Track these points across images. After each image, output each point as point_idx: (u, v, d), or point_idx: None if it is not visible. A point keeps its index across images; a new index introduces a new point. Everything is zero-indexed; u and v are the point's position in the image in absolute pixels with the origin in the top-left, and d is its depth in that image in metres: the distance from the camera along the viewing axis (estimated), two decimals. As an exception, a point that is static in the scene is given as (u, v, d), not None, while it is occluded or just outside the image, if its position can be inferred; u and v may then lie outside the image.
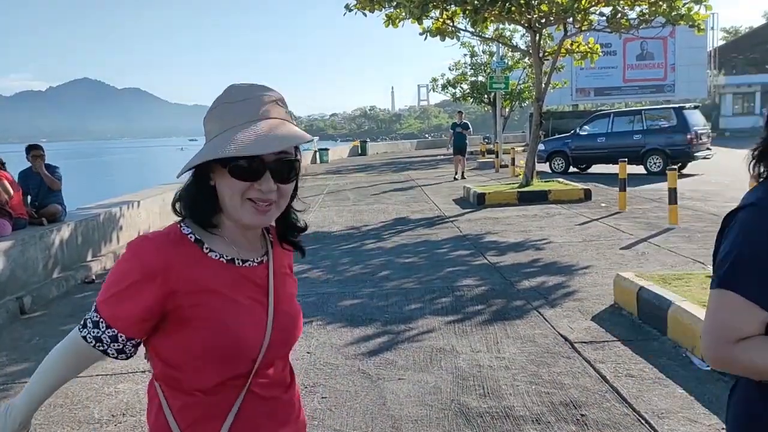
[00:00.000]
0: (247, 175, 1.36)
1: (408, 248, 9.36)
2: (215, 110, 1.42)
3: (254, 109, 1.39)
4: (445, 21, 13.99)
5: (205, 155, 1.35)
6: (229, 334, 1.38)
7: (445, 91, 35.05)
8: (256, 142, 1.33)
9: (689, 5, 13.16)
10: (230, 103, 1.40)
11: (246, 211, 1.39)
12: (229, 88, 1.45)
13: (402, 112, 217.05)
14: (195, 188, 1.44)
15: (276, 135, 1.35)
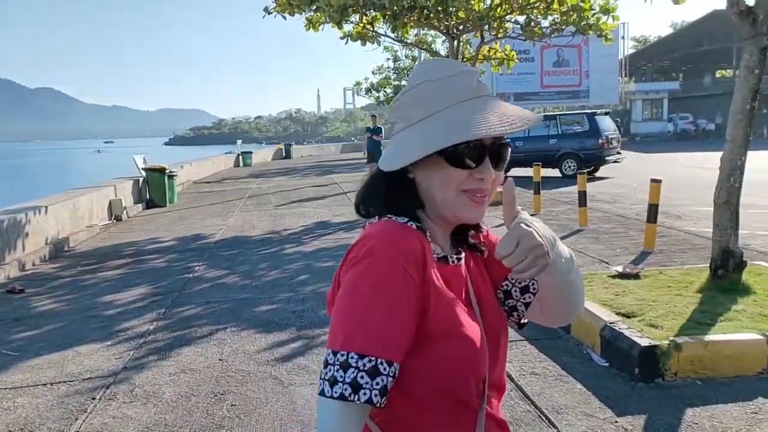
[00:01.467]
0: (468, 162, 1.18)
1: (327, 252, 9.36)
2: (417, 89, 1.22)
3: (469, 84, 1.21)
4: (365, 26, 14.07)
5: (436, 141, 1.14)
6: (462, 344, 1.16)
7: (369, 95, 35.18)
8: (501, 121, 1.15)
9: (598, 15, 13.68)
10: (437, 80, 1.21)
11: (462, 205, 1.20)
12: (427, 64, 1.28)
13: (328, 115, 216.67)
14: (393, 183, 1.23)
15: (519, 114, 1.19)
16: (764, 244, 8.73)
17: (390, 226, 1.18)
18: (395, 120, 1.26)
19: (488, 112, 1.17)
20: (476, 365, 1.18)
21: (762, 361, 4.25)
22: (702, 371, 4.20)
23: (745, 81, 5.15)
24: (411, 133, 1.20)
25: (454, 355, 1.15)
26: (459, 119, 1.15)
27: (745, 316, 4.71)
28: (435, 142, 1.14)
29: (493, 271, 1.37)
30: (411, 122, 1.21)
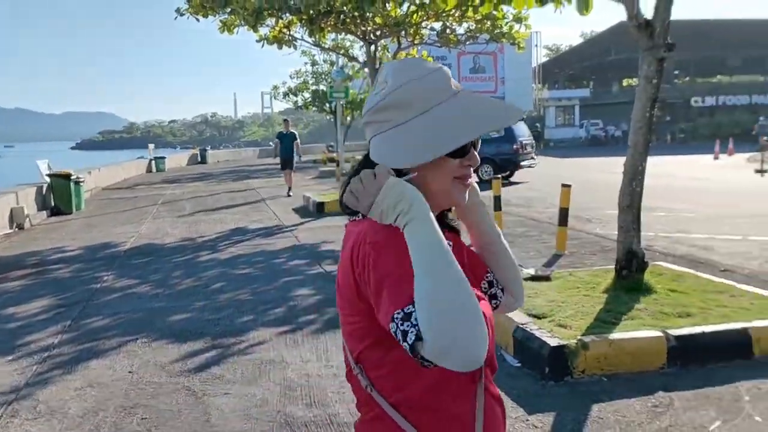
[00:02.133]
0: (463, 152, 1.30)
1: (244, 259, 9.22)
2: (403, 89, 1.28)
3: (447, 80, 1.31)
4: (281, 30, 13.95)
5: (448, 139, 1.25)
6: None
7: (286, 99, 34.94)
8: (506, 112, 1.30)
9: (511, 24, 14.07)
10: (418, 79, 1.28)
11: (456, 190, 1.33)
12: (401, 65, 1.34)
13: (245, 119, 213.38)
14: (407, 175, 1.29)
15: (510, 105, 1.33)
16: (666, 245, 9.17)
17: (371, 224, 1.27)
18: (382, 120, 1.30)
19: (480, 107, 1.28)
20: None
21: (662, 356, 4.46)
22: (607, 368, 4.37)
23: (645, 90, 5.41)
24: (410, 132, 1.26)
25: None
26: (461, 117, 1.25)
27: (646, 314, 4.94)
28: (447, 141, 1.24)
29: (475, 264, 1.52)
30: (399, 121, 1.27)
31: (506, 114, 1.30)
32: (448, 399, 1.28)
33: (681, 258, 8.06)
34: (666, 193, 15.96)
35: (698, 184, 18.42)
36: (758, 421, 3.71)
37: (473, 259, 1.54)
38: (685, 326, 4.66)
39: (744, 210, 12.69)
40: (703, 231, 10.40)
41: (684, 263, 7.52)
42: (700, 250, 8.81)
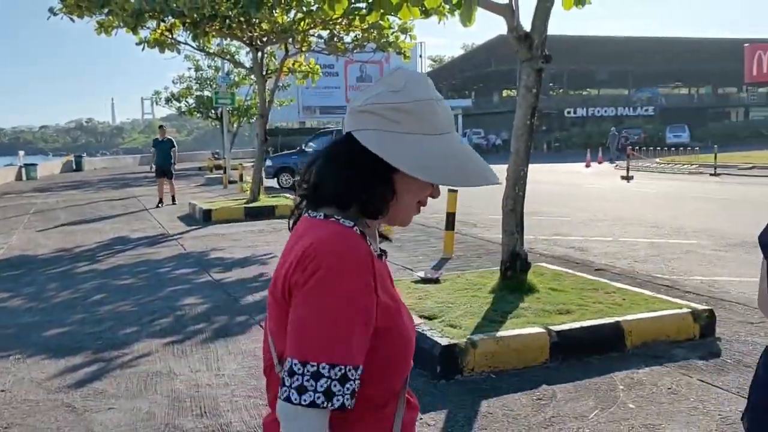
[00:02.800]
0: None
1: (126, 269, 8.84)
2: (421, 103, 1.27)
3: (450, 112, 1.34)
4: (163, 32, 13.53)
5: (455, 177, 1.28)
6: (407, 337, 1.31)
7: (169, 105, 33.86)
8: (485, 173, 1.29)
9: (396, 34, 14.36)
10: (436, 101, 1.29)
11: (413, 211, 1.35)
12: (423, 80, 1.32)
13: (124, 126, 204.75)
14: (381, 184, 1.27)
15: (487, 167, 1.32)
16: (546, 247, 9.64)
17: (339, 234, 1.24)
18: (395, 119, 1.26)
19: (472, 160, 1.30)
20: (411, 354, 1.33)
21: (545, 351, 4.69)
22: (495, 365, 4.54)
23: (525, 99, 5.68)
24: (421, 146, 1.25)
25: (395, 347, 1.26)
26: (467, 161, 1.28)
27: (530, 312, 5.17)
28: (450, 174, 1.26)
29: None
30: (412, 131, 1.25)
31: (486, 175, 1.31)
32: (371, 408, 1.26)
33: (559, 259, 8.50)
34: (544, 199, 16.78)
35: (572, 190, 19.50)
36: (631, 407, 3.98)
37: None
38: (566, 322, 4.92)
39: (613, 214, 13.57)
40: (578, 233, 11.02)
41: (562, 264, 7.93)
42: (577, 251, 9.33)
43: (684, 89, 72.87)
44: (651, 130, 52.25)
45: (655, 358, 4.77)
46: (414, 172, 1.23)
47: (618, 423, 3.77)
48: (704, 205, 14.85)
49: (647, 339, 4.97)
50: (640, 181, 22.35)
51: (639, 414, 3.88)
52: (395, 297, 1.32)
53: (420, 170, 1.24)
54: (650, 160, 32.56)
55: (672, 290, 6.67)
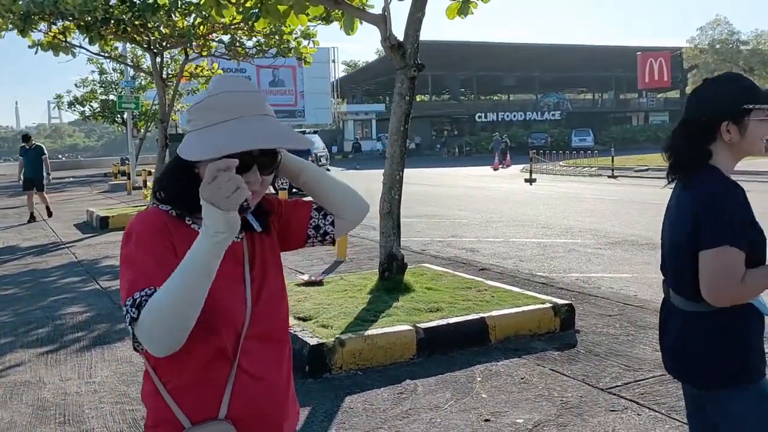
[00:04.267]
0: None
1: (8, 279, 8.56)
2: (218, 97, 1.43)
3: (257, 102, 1.44)
4: (56, 36, 13.12)
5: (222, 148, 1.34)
6: (211, 304, 1.38)
7: (72, 109, 32.64)
8: (258, 136, 1.38)
9: (299, 39, 14.43)
10: (232, 92, 1.43)
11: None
12: (227, 78, 1.48)
13: (30, 130, 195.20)
14: (180, 176, 1.47)
15: (288, 133, 1.45)
16: (438, 249, 9.96)
17: (146, 211, 1.51)
18: (195, 118, 1.44)
19: (261, 129, 1.40)
20: (226, 318, 1.46)
21: (412, 348, 4.90)
22: (362, 363, 4.72)
23: (399, 106, 5.91)
24: (207, 134, 1.40)
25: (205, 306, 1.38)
26: (237, 133, 1.37)
27: (402, 311, 5.39)
28: (220, 148, 1.34)
29: (295, 223, 1.71)
30: (208, 123, 1.41)
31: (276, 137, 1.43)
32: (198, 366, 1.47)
33: (448, 260, 8.81)
34: (446, 201, 17.24)
35: (476, 193, 20.08)
36: (484, 397, 4.23)
37: (292, 214, 1.72)
38: (434, 320, 5.16)
39: (510, 215, 14.10)
40: (472, 235, 11.42)
41: (449, 264, 8.23)
42: (467, 252, 9.68)
43: (589, 95, 75.98)
44: (557, 134, 54.25)
45: (515, 351, 5.08)
46: (189, 157, 1.41)
47: (468, 412, 4.02)
48: (596, 206, 15.61)
49: (509, 333, 5.27)
50: (542, 184, 23.23)
51: (489, 402, 4.14)
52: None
53: (193, 154, 1.40)
54: (555, 164, 33.85)
55: (546, 287, 7.06)
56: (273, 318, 1.58)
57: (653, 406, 3.97)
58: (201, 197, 1.31)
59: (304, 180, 1.71)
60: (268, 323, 1.56)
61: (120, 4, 11.87)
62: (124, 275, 1.42)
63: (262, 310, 1.54)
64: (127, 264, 1.43)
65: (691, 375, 2.09)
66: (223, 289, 1.46)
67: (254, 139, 1.39)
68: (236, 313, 1.49)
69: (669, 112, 63.30)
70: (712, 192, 1.93)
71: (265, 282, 1.58)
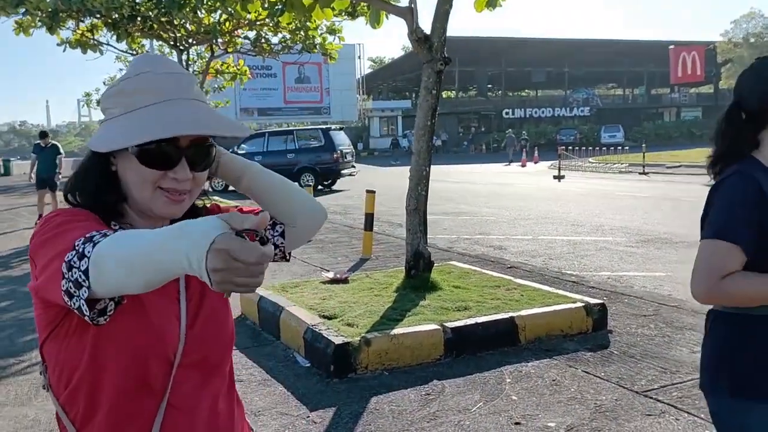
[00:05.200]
0: (160, 163, 1.17)
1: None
2: (135, 79, 1.19)
3: (182, 85, 1.20)
4: (84, 33, 13.22)
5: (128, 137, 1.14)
6: (144, 324, 1.18)
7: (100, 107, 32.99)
8: (178, 122, 1.14)
9: (324, 35, 14.38)
10: (152, 75, 1.19)
11: (157, 201, 1.20)
12: (148, 57, 1.25)
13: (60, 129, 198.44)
14: (94, 175, 1.22)
15: (221, 120, 1.20)
16: (466, 246, 9.80)
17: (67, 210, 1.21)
18: (110, 106, 1.22)
19: (186, 114, 1.17)
20: (157, 344, 1.20)
21: (439, 348, 4.78)
22: (389, 362, 4.61)
23: (425, 101, 5.78)
24: (126, 121, 1.18)
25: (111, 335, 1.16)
26: (154, 118, 1.15)
27: (429, 309, 5.26)
28: (126, 138, 1.14)
29: None
30: (127, 109, 1.19)
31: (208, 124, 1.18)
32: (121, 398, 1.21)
33: (476, 257, 8.66)
34: (473, 199, 17.05)
35: (503, 190, 19.85)
36: (514, 399, 4.10)
37: None
38: (462, 319, 5.03)
39: (538, 212, 13.88)
40: (500, 233, 11.24)
41: (477, 262, 8.09)
42: (495, 250, 9.52)
43: (619, 90, 74.95)
44: (587, 130, 53.57)
45: (546, 352, 4.93)
46: (96, 148, 1.18)
47: (498, 414, 3.89)
48: (627, 203, 15.32)
49: (540, 333, 5.12)
50: (571, 181, 22.91)
51: (519, 405, 4.01)
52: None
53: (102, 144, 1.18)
54: (584, 160, 33.40)
55: (577, 286, 6.88)
56: (212, 342, 1.31)
57: (692, 411, 3.80)
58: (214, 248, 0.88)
59: (247, 185, 1.42)
60: (206, 348, 1.29)
61: (146, 1, 11.92)
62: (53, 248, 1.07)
63: (199, 333, 1.28)
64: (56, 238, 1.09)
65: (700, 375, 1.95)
66: (154, 307, 1.21)
67: (181, 125, 1.15)
68: (169, 337, 1.22)
69: (702, 107, 62.18)
70: (726, 182, 1.78)
71: (204, 300, 1.31)
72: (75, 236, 1.05)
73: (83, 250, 1.00)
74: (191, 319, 1.27)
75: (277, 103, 48.71)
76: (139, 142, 1.14)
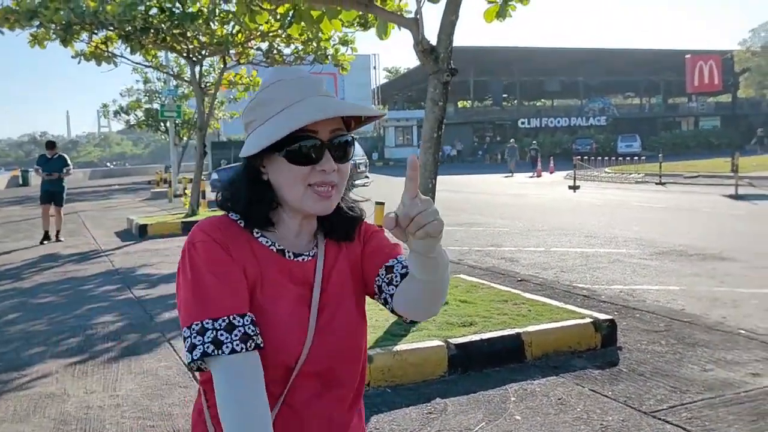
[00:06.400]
0: (307, 158, 1.26)
1: (49, 287, 8.63)
2: (271, 88, 1.30)
3: (316, 85, 1.31)
4: (98, 45, 13.32)
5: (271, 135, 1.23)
6: (268, 328, 1.25)
7: (118, 118, 33.36)
8: (317, 110, 1.23)
9: (337, 46, 14.37)
10: (288, 80, 1.30)
11: (309, 199, 1.28)
12: (281, 68, 1.37)
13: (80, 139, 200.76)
14: (247, 186, 1.31)
15: (338, 102, 1.28)
16: (477, 258, 9.70)
17: (208, 220, 1.32)
18: (252, 118, 1.31)
19: (320, 104, 1.25)
20: (277, 351, 1.25)
21: (443, 364, 4.69)
22: (391, 379, 4.53)
23: (431, 112, 5.71)
24: (260, 130, 1.27)
25: (265, 328, 1.25)
26: (292, 116, 1.23)
27: (433, 325, 5.18)
28: (269, 138, 1.22)
29: (369, 264, 1.41)
30: (266, 117, 1.27)
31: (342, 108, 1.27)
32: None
33: (486, 270, 8.56)
34: (487, 209, 16.94)
35: (518, 200, 19.71)
36: (518, 419, 3.99)
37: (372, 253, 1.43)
38: (467, 335, 4.94)
39: (552, 223, 13.73)
40: (512, 244, 11.12)
41: (487, 275, 7.99)
42: (506, 262, 9.40)
43: (636, 99, 74.49)
44: (603, 140, 53.25)
45: (553, 369, 4.82)
46: (245, 153, 1.28)
47: (501, 435, 3.79)
48: (642, 214, 15.13)
49: (548, 350, 5.02)
50: (586, 191, 22.72)
51: (523, 425, 3.90)
52: (278, 289, 1.30)
53: (248, 150, 1.27)
54: (600, 170, 33.15)
55: (588, 300, 6.77)
56: (339, 354, 1.34)
57: (702, 433, 3.68)
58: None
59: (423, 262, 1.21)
60: (331, 360, 1.32)
61: (159, 14, 11.97)
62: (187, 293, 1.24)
63: (325, 344, 1.31)
64: (189, 285, 1.24)
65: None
66: (282, 314, 1.28)
67: (318, 113, 1.23)
68: (290, 347, 1.27)
69: (721, 116, 61.60)
70: None
71: (338, 311, 1.35)
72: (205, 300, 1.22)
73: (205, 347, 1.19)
74: (320, 330, 1.31)
75: (293, 113, 48.94)
76: (282, 135, 1.22)
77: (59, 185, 13.01)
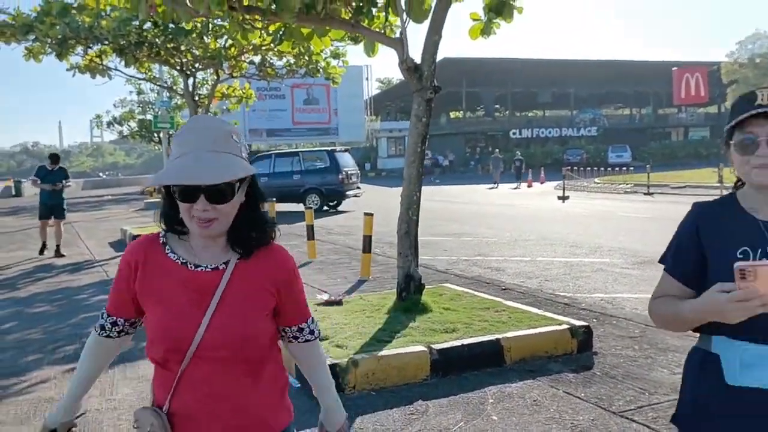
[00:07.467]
0: (185, 198, 1.59)
1: (43, 297, 8.81)
2: (182, 132, 1.64)
3: (213, 138, 1.59)
4: (92, 59, 13.54)
5: (153, 180, 1.65)
6: (161, 323, 1.65)
7: (111, 129, 33.53)
8: (179, 173, 1.55)
9: (328, 60, 14.64)
10: (190, 129, 1.63)
11: (194, 226, 1.61)
12: (197, 117, 1.77)
13: (72, 149, 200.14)
14: (164, 204, 1.71)
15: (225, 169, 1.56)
16: (464, 268, 9.93)
17: (138, 240, 1.79)
18: (172, 149, 1.67)
19: (189, 165, 1.55)
20: (167, 339, 1.63)
21: (425, 368, 4.92)
22: (376, 383, 4.75)
23: (415, 128, 5.97)
24: (166, 166, 1.64)
25: (149, 319, 1.70)
26: (175, 167, 1.56)
27: (417, 331, 5.41)
28: (156, 180, 1.59)
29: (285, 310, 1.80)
30: (173, 156, 1.61)
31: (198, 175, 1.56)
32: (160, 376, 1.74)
33: (471, 279, 8.79)
34: (476, 219, 17.19)
35: (507, 211, 19.98)
36: (494, 419, 4.23)
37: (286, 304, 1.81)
38: (449, 340, 5.17)
39: (539, 233, 13.99)
40: (499, 254, 11.37)
41: (471, 284, 8.22)
42: (492, 271, 9.64)
43: (626, 110, 75.11)
44: (593, 150, 53.70)
45: (530, 372, 5.05)
46: (151, 183, 1.72)
47: (477, 434, 4.01)
48: (628, 225, 15.41)
49: (526, 355, 5.25)
50: (575, 201, 23.01)
51: (499, 425, 4.13)
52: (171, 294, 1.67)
53: (154, 180, 1.64)
54: (589, 180, 33.51)
55: (568, 307, 7.01)
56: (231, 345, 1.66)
57: (665, 431, 3.92)
58: None
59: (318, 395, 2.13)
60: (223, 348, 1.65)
61: (153, 28, 12.20)
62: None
63: (217, 335, 1.64)
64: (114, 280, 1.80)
65: None
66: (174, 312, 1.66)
67: (180, 176, 1.55)
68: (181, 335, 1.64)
69: (710, 127, 62.22)
70: None
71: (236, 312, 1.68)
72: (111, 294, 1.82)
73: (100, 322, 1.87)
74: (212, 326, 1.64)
75: (286, 124, 49.19)
76: (159, 185, 1.63)
77: (59, 198, 12.74)
